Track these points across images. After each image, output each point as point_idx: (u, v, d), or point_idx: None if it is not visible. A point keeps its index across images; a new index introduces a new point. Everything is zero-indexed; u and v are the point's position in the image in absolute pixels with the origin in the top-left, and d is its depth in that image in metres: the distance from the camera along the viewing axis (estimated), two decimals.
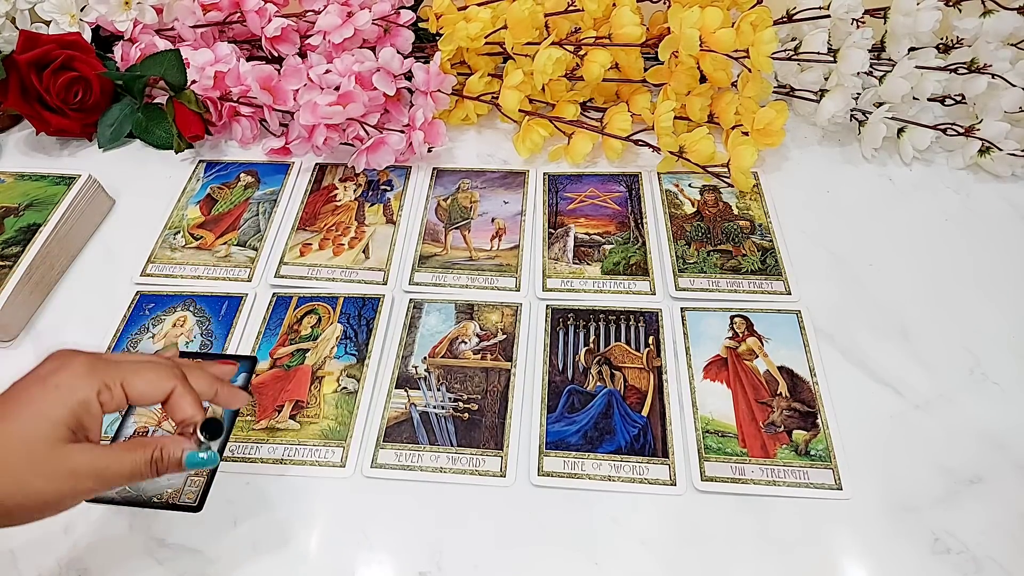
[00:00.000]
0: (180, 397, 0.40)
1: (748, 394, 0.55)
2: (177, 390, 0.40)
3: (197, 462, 0.40)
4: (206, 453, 0.40)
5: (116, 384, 0.38)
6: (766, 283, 0.62)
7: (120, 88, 0.79)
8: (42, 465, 0.36)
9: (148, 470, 0.38)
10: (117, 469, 0.37)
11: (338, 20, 0.75)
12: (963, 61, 0.70)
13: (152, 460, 0.38)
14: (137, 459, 0.38)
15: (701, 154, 0.70)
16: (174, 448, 0.39)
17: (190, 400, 0.40)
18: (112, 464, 0.37)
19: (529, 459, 0.52)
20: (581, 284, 0.64)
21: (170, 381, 0.40)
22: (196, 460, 0.40)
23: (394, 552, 0.48)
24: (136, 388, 0.39)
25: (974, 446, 0.52)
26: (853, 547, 0.47)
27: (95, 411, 0.38)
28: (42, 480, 0.36)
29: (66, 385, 0.37)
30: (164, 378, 0.40)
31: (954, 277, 0.62)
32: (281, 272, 0.66)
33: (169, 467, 0.39)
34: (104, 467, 0.37)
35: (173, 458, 0.39)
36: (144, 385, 0.39)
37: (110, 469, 0.37)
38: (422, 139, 0.72)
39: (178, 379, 0.40)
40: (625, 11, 0.70)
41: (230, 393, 0.44)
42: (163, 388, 0.39)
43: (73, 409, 0.37)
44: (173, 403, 0.40)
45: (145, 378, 0.39)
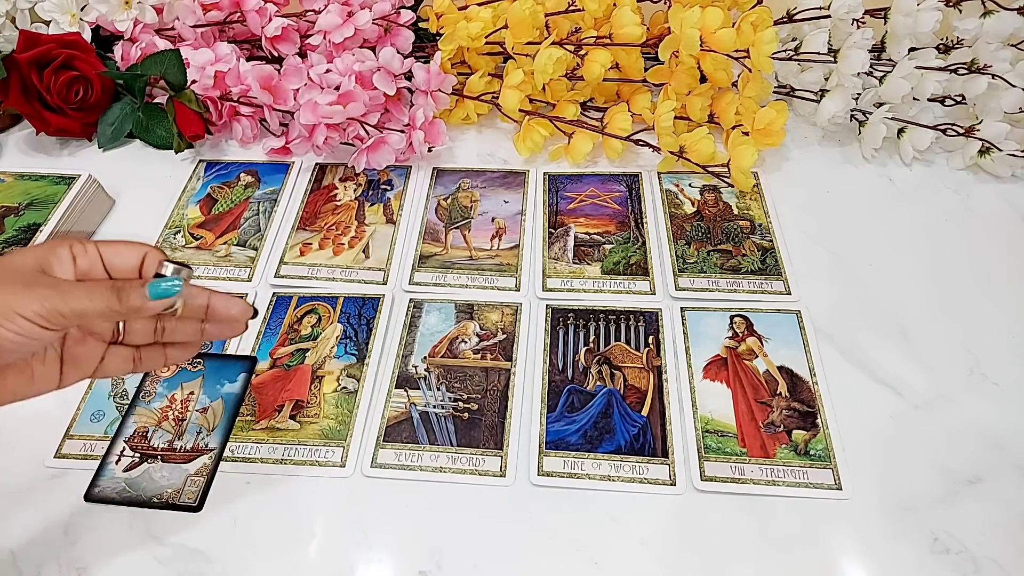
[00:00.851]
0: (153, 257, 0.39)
1: (748, 394, 0.55)
2: (151, 253, 0.39)
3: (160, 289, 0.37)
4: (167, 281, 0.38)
5: (91, 245, 0.38)
6: (766, 283, 0.62)
7: (120, 88, 0.79)
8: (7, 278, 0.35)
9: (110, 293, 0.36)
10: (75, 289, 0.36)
11: (338, 20, 0.75)
12: (963, 61, 0.70)
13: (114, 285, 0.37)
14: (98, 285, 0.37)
15: (701, 154, 0.70)
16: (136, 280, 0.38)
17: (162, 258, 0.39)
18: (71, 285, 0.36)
19: (529, 459, 0.52)
20: (581, 284, 0.64)
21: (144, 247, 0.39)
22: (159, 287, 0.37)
23: (394, 552, 0.49)
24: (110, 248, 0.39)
25: (973, 446, 0.52)
26: (853, 547, 0.48)
27: (65, 256, 0.37)
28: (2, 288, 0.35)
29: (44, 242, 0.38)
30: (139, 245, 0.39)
31: (954, 277, 0.62)
32: (281, 272, 0.66)
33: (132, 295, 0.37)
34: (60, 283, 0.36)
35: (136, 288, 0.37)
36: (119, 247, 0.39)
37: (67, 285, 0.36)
38: (422, 139, 0.72)
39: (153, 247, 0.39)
40: (625, 11, 0.70)
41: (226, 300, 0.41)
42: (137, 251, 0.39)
43: (44, 253, 0.37)
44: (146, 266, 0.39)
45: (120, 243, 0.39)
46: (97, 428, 0.55)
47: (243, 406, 0.56)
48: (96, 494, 0.51)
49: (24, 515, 0.50)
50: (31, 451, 0.54)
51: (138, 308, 0.37)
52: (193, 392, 0.57)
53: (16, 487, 0.52)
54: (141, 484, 0.51)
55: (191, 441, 0.54)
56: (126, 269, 0.39)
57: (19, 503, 0.51)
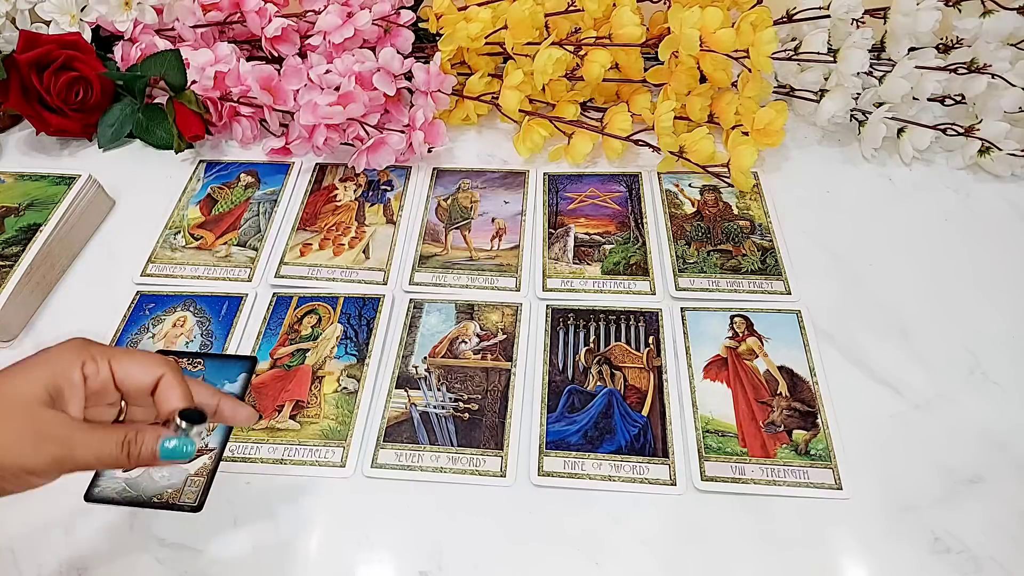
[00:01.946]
0: (169, 386, 0.37)
1: (748, 394, 0.55)
2: (167, 377, 0.37)
3: (171, 452, 0.37)
4: (179, 441, 0.37)
5: (104, 360, 0.37)
6: (766, 283, 0.62)
7: (120, 88, 0.79)
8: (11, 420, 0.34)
9: (119, 452, 0.36)
10: (85, 440, 0.35)
11: (338, 20, 0.75)
12: (963, 61, 0.70)
13: (124, 441, 0.36)
14: (108, 437, 0.36)
15: (701, 154, 0.70)
16: (150, 434, 0.37)
17: (180, 392, 0.37)
18: (80, 435, 0.35)
19: (529, 459, 0.52)
20: (581, 284, 0.64)
21: (161, 367, 0.37)
22: (170, 449, 0.37)
23: (394, 552, 0.49)
24: (123, 368, 0.37)
25: (974, 446, 0.52)
26: (853, 547, 0.47)
27: (76, 380, 0.36)
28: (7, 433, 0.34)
29: (54, 353, 0.37)
30: (155, 363, 0.38)
31: (954, 277, 0.62)
32: (281, 272, 0.66)
33: (143, 454, 0.36)
34: (71, 435, 0.35)
35: (148, 444, 0.36)
36: (133, 366, 0.37)
37: (77, 439, 0.35)
38: (422, 139, 0.72)
39: (170, 368, 0.38)
40: (625, 11, 0.70)
41: (234, 407, 0.41)
42: (152, 372, 0.37)
43: (54, 374, 0.36)
44: (161, 392, 0.37)
45: (135, 360, 0.37)
46: None
47: None
48: (96, 494, 0.51)
49: (24, 515, 0.50)
50: None
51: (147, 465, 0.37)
52: None
53: None
54: (141, 484, 0.51)
55: None
56: (138, 389, 0.38)
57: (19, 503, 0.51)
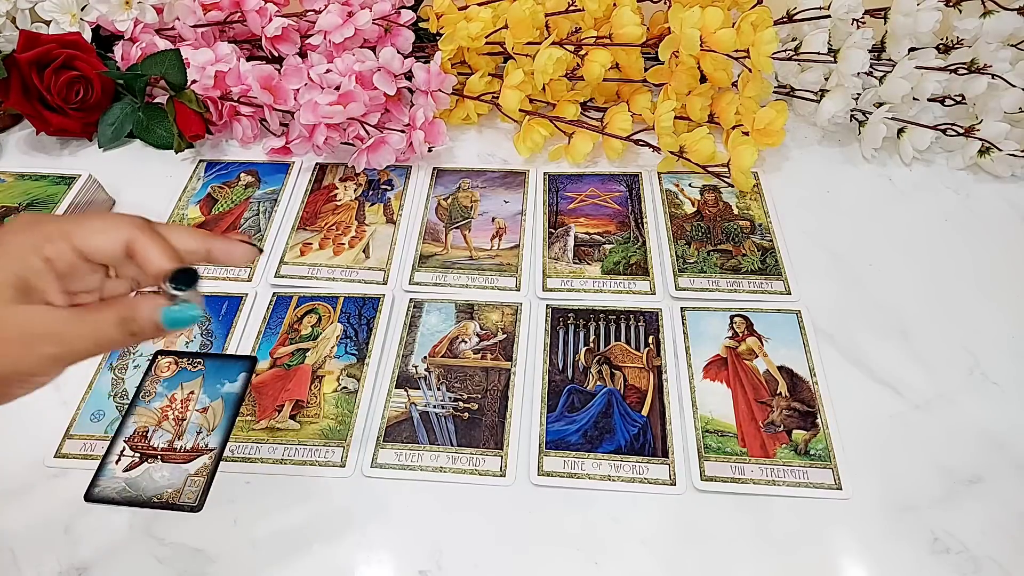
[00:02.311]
0: (144, 247, 0.33)
1: (748, 394, 0.55)
2: (138, 240, 0.33)
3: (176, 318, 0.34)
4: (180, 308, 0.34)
5: (61, 238, 0.33)
6: (766, 283, 0.62)
7: (120, 88, 0.79)
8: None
9: (118, 332, 0.33)
10: (79, 330, 0.33)
11: (339, 20, 0.75)
12: (963, 61, 0.70)
13: (122, 319, 0.33)
14: (103, 319, 0.33)
15: (701, 154, 0.70)
16: (146, 306, 0.34)
17: (158, 249, 0.33)
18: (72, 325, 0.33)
19: (529, 459, 0.52)
20: (581, 284, 0.64)
21: (126, 229, 0.33)
22: (175, 316, 0.34)
23: (394, 552, 0.49)
24: (85, 239, 0.33)
25: (974, 446, 0.52)
26: (853, 547, 0.48)
27: (39, 268, 0.33)
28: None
29: (6, 244, 0.33)
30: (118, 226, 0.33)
31: (954, 277, 0.62)
32: (281, 272, 0.66)
33: (145, 328, 0.34)
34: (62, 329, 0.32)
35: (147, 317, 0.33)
36: (95, 236, 0.33)
37: (70, 330, 0.33)
38: (422, 139, 0.72)
39: (138, 227, 0.34)
40: (625, 11, 0.70)
41: (228, 247, 0.37)
42: (119, 236, 0.33)
43: (14, 269, 0.32)
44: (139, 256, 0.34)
45: (95, 228, 0.33)
46: (97, 428, 0.55)
47: (243, 406, 0.56)
48: (96, 494, 0.51)
49: (24, 515, 0.50)
50: (31, 451, 0.54)
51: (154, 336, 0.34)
52: (193, 392, 0.57)
53: (16, 487, 0.52)
54: (141, 484, 0.51)
55: (191, 441, 0.54)
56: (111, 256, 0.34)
57: (19, 503, 0.51)
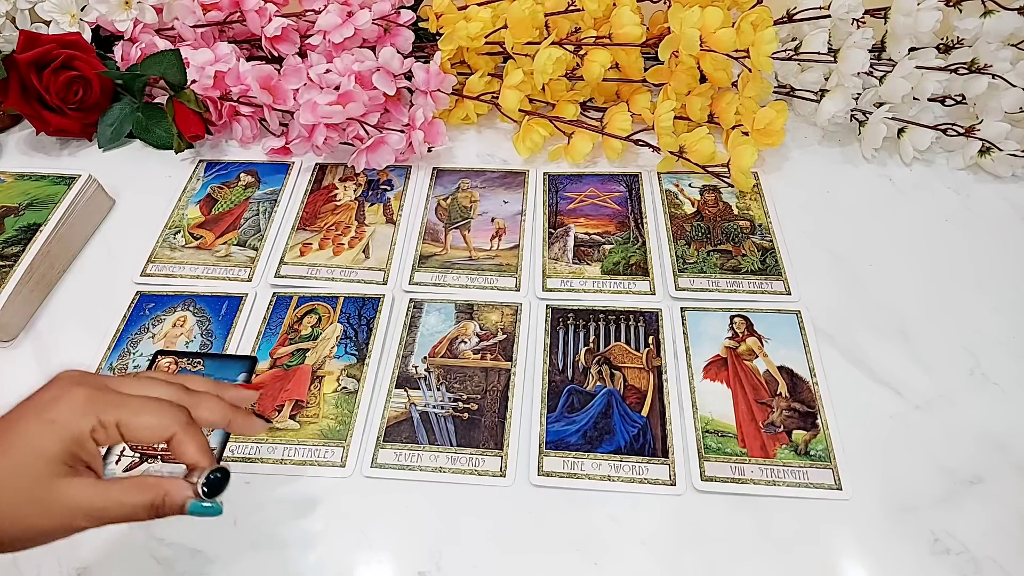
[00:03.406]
0: (181, 444, 0.38)
1: (748, 394, 0.55)
2: (178, 437, 0.38)
3: (200, 511, 0.38)
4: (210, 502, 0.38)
5: (112, 424, 0.37)
6: (766, 283, 0.62)
7: (120, 88, 0.79)
8: (37, 502, 0.35)
9: (147, 515, 0.37)
10: (114, 513, 0.36)
11: (338, 19, 0.75)
12: (963, 61, 0.70)
13: (154, 505, 0.37)
14: (136, 503, 0.37)
15: (701, 154, 0.70)
16: (177, 495, 0.38)
17: (195, 447, 0.38)
18: (110, 505, 0.36)
19: (529, 459, 0.52)
20: (581, 284, 0.64)
21: (170, 427, 0.38)
22: (200, 509, 0.38)
23: (394, 552, 0.49)
24: (132, 431, 0.37)
25: (974, 446, 0.52)
26: (853, 547, 0.47)
27: (90, 448, 0.37)
28: (37, 515, 0.35)
29: (61, 420, 0.36)
30: (165, 424, 0.38)
31: (954, 277, 0.62)
32: (281, 272, 0.66)
33: (170, 512, 0.38)
34: (101, 507, 0.36)
35: (176, 505, 0.38)
36: (142, 430, 0.38)
37: (107, 511, 0.36)
38: (422, 139, 0.72)
39: (180, 424, 0.38)
40: (625, 11, 0.70)
41: (245, 422, 0.42)
42: (162, 434, 0.38)
43: (67, 446, 0.36)
44: (175, 447, 0.38)
45: (144, 421, 0.38)
46: None
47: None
48: None
49: None
50: None
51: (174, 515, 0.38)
52: None
53: None
54: None
55: None
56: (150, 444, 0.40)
57: None
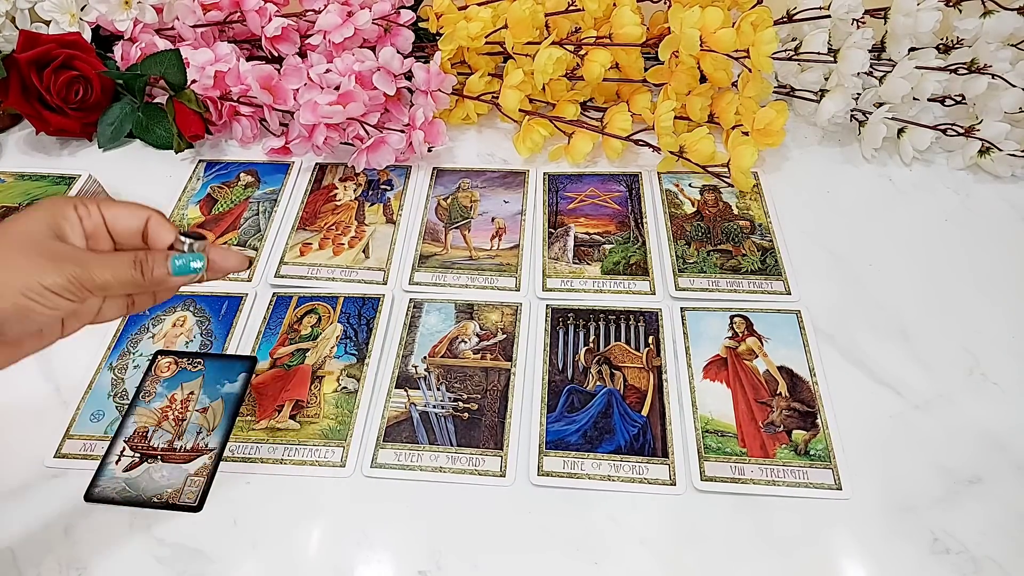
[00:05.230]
0: (159, 224, 0.41)
1: (748, 394, 0.55)
2: (154, 218, 0.41)
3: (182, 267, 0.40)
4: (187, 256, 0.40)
5: (92, 204, 0.40)
6: (766, 283, 0.62)
7: (120, 87, 0.79)
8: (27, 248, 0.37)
9: (133, 269, 0.39)
10: (99, 261, 0.38)
11: (338, 19, 0.75)
12: (963, 61, 0.70)
13: (136, 260, 0.39)
14: (120, 258, 0.39)
15: (701, 154, 0.70)
16: (159, 254, 0.40)
17: (170, 226, 0.41)
18: (94, 257, 0.38)
19: (529, 459, 0.52)
20: (581, 284, 0.64)
21: (147, 210, 0.41)
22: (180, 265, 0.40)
23: (394, 551, 0.49)
24: (112, 211, 0.40)
25: (974, 446, 0.52)
26: (852, 547, 0.47)
27: (73, 220, 0.39)
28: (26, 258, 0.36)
29: (45, 202, 0.39)
30: (141, 207, 0.41)
31: (954, 277, 0.62)
32: (281, 272, 0.66)
33: (156, 271, 0.39)
34: (86, 258, 0.38)
35: (159, 263, 0.39)
36: (120, 209, 0.40)
37: (92, 260, 0.38)
38: (422, 139, 0.72)
39: (156, 211, 0.41)
40: (625, 11, 0.70)
41: (223, 253, 0.43)
42: (140, 216, 0.41)
43: (52, 214, 0.38)
44: (153, 232, 0.41)
45: (121, 204, 0.41)
46: (97, 428, 0.55)
47: (243, 406, 0.56)
48: (96, 494, 0.51)
49: (24, 515, 0.50)
50: (31, 451, 0.54)
51: (161, 282, 0.40)
52: (193, 392, 0.57)
53: (16, 487, 0.52)
54: (141, 484, 0.51)
55: (191, 441, 0.54)
56: (129, 232, 0.41)
57: (19, 503, 0.51)
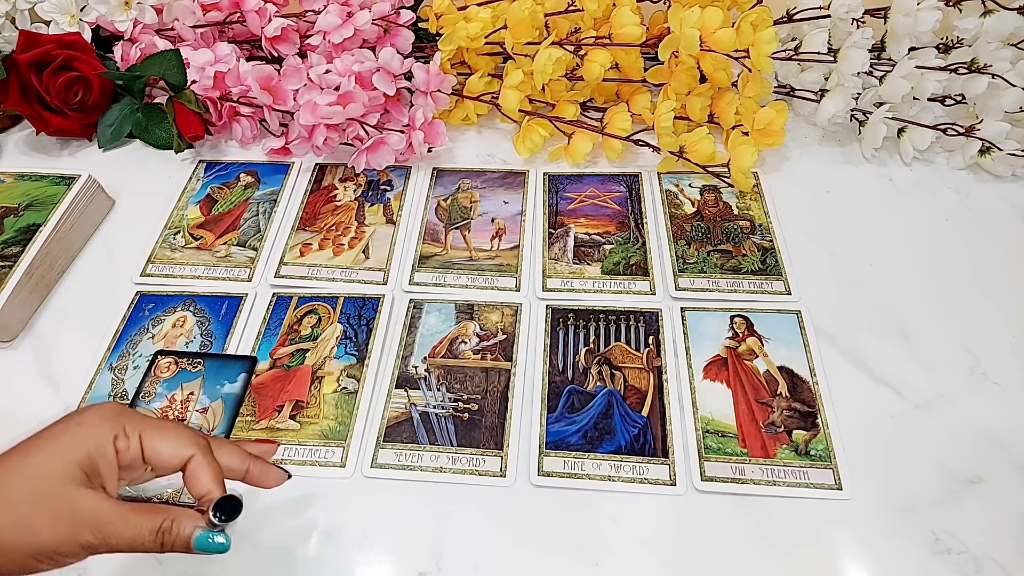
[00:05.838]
0: (199, 468, 0.37)
1: (748, 394, 0.55)
2: (196, 459, 0.37)
3: (206, 546, 0.37)
4: (219, 537, 0.37)
5: (135, 434, 0.37)
6: (766, 283, 0.62)
7: (120, 88, 0.79)
8: (46, 502, 0.34)
9: (152, 540, 0.36)
10: (120, 529, 0.35)
11: (338, 20, 0.75)
12: (963, 61, 0.70)
13: (160, 530, 0.36)
14: (143, 524, 0.36)
15: (701, 154, 0.70)
16: (186, 523, 0.37)
17: (210, 474, 0.37)
18: (116, 521, 0.35)
19: (529, 459, 0.52)
20: (581, 284, 0.63)
21: (191, 447, 0.38)
22: (205, 543, 0.37)
23: (394, 552, 0.49)
24: (154, 444, 0.37)
25: (974, 446, 0.52)
26: (853, 547, 0.47)
27: (110, 456, 0.36)
28: (42, 517, 0.34)
29: (88, 424, 0.36)
30: (186, 443, 0.38)
31: (954, 277, 0.62)
32: (281, 272, 0.66)
33: (176, 544, 0.36)
34: (107, 522, 0.35)
35: (182, 535, 0.36)
36: (163, 444, 0.37)
37: (112, 526, 0.35)
38: (422, 139, 0.72)
39: (200, 448, 0.38)
40: (625, 11, 0.70)
41: (264, 471, 0.41)
42: (182, 453, 0.37)
43: (89, 451, 0.36)
44: (191, 473, 0.38)
45: (166, 437, 0.37)
46: None
47: (243, 406, 0.56)
48: None
49: None
50: None
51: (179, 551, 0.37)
52: (193, 392, 0.57)
53: None
54: (141, 484, 0.51)
55: None
56: (167, 467, 0.38)
57: None
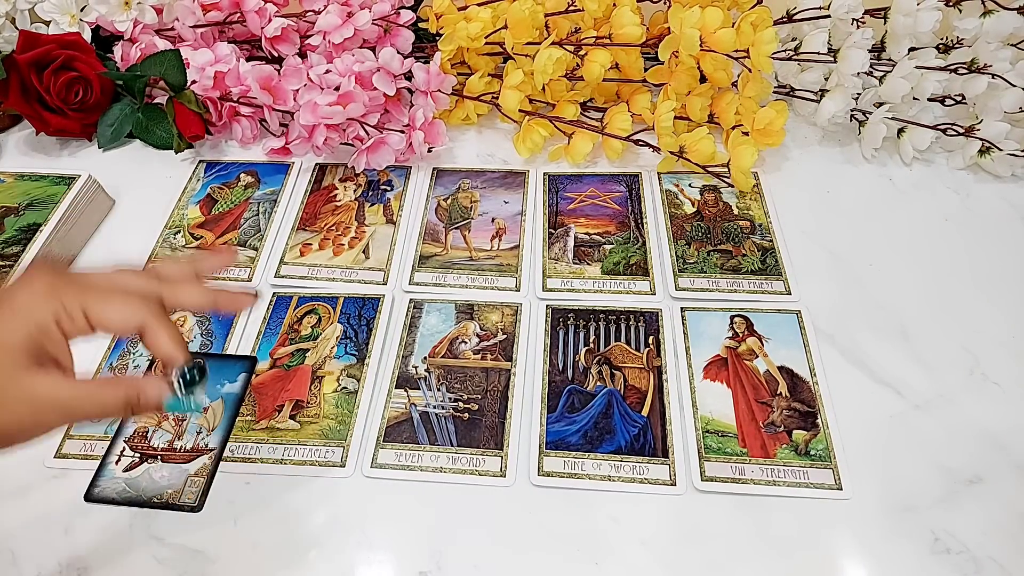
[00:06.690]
0: (154, 333, 0.35)
1: (748, 394, 0.55)
2: (149, 326, 0.35)
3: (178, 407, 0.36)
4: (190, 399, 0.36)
5: (77, 310, 0.34)
6: (766, 283, 0.62)
7: (120, 88, 0.79)
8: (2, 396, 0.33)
9: (121, 409, 0.35)
10: (85, 407, 0.34)
11: (338, 20, 0.75)
12: (963, 61, 0.70)
13: (128, 400, 0.35)
14: (108, 400, 0.35)
15: (701, 154, 0.70)
16: (151, 392, 0.35)
17: (167, 337, 0.36)
18: (80, 399, 0.34)
19: (529, 459, 0.52)
20: (581, 284, 0.64)
21: (139, 314, 0.35)
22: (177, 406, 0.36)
23: (394, 552, 0.49)
24: (100, 316, 0.35)
25: (974, 446, 0.52)
26: (853, 547, 0.47)
27: (56, 337, 0.34)
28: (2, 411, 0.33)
29: (23, 307, 0.34)
30: (134, 310, 0.35)
31: (954, 277, 0.62)
32: (281, 272, 0.66)
33: (147, 409, 0.36)
34: (70, 399, 0.34)
35: (151, 404, 0.35)
36: (110, 314, 0.35)
37: (77, 404, 0.34)
38: (422, 139, 0.72)
39: (151, 313, 0.35)
40: (625, 11, 0.70)
41: (230, 299, 0.39)
42: (131, 321, 0.35)
43: (30, 333, 0.33)
44: (148, 340, 0.36)
45: (112, 306, 0.35)
46: (97, 428, 0.55)
47: (243, 406, 0.56)
48: (96, 494, 0.51)
49: (24, 515, 0.50)
50: (31, 451, 0.53)
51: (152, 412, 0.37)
52: None
53: (16, 487, 0.52)
54: (141, 484, 0.51)
55: (191, 441, 0.54)
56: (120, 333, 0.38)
57: (19, 503, 0.51)
